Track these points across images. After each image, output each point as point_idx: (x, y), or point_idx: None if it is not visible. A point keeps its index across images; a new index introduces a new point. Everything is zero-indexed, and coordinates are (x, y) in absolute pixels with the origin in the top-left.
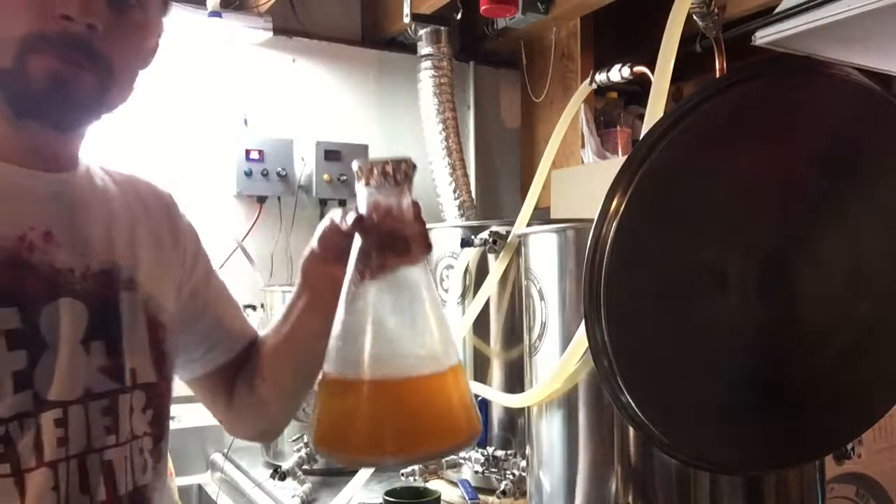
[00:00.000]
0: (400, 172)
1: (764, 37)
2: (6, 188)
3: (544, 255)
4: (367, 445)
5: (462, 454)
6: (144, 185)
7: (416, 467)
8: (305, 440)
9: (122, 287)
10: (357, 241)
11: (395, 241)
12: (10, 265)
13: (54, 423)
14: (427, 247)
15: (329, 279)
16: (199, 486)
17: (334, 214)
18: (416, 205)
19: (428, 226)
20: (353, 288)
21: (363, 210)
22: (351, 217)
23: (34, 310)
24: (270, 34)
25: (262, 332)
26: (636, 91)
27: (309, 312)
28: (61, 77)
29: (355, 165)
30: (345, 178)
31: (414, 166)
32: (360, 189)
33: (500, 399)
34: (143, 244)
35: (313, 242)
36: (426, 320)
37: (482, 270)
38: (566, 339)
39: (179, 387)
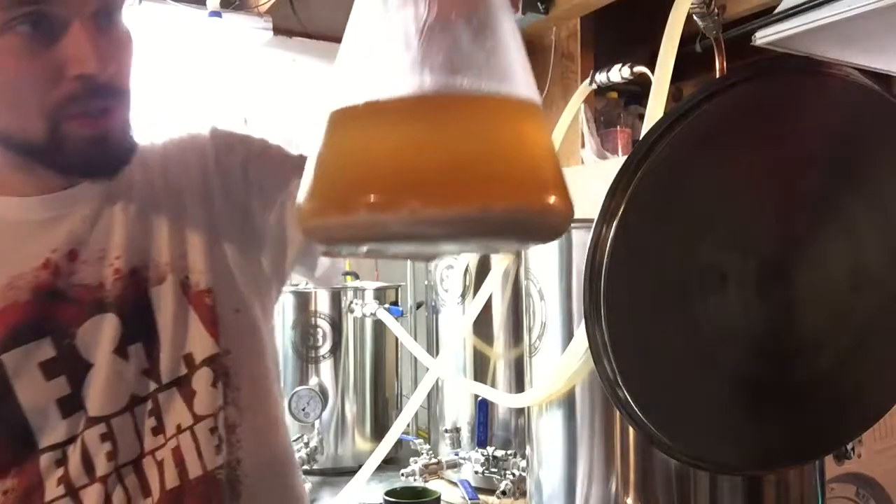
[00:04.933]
0: None
1: (764, 37)
2: (18, 222)
3: (544, 255)
4: (411, 188)
5: (462, 454)
6: (173, 151)
7: (416, 467)
8: (306, 440)
9: (155, 282)
10: None
11: None
12: (37, 297)
13: (100, 439)
14: None
15: None
16: None
17: None
18: None
19: None
20: None
21: None
22: None
23: (68, 334)
24: (270, 34)
25: None
26: (636, 91)
27: None
28: (99, 135)
29: None
30: None
31: None
32: None
33: (501, 399)
34: (176, 221)
35: None
36: (507, 40)
37: (482, 270)
38: (566, 339)
39: None
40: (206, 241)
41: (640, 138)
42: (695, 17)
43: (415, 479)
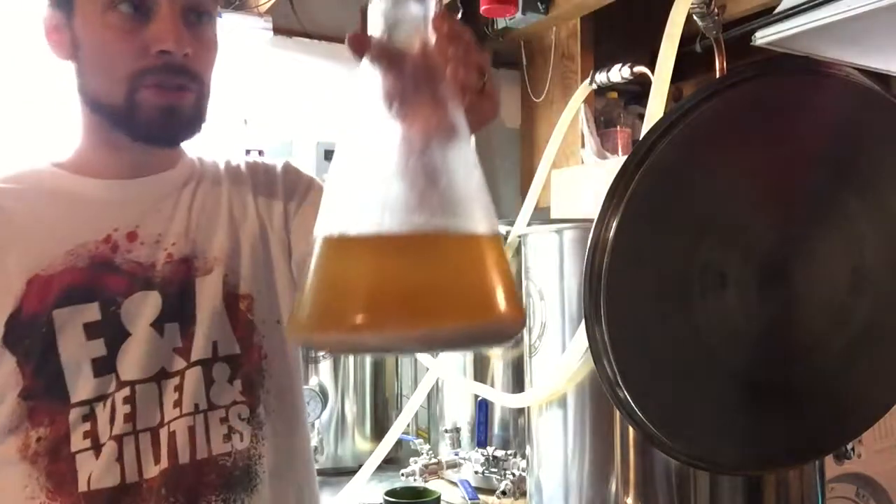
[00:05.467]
0: None
1: (764, 37)
2: (92, 199)
3: (544, 255)
4: (380, 313)
5: (462, 454)
6: (245, 169)
7: (416, 467)
8: None
9: (202, 272)
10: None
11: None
12: (93, 266)
13: (122, 401)
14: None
15: None
16: None
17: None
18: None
19: None
20: (368, 128)
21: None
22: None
23: (115, 303)
24: (270, 34)
25: None
26: (636, 91)
27: None
28: (168, 105)
29: None
30: None
31: None
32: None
33: (501, 399)
34: (231, 226)
35: None
36: (463, 175)
37: None
38: (566, 339)
39: None
40: (256, 252)
41: (640, 138)
42: (695, 17)
43: (415, 479)
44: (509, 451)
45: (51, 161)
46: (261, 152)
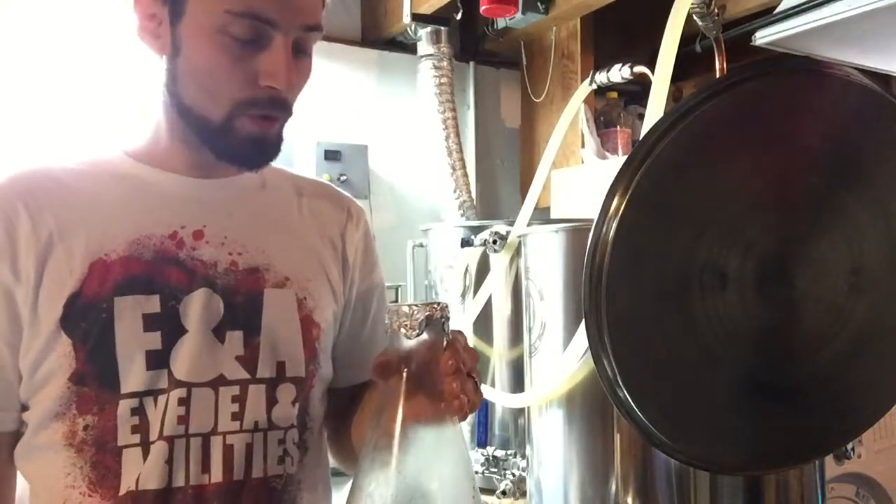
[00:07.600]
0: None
1: (764, 37)
2: (162, 192)
3: (544, 255)
4: None
5: None
6: (328, 194)
7: None
8: None
9: (271, 284)
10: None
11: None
12: (158, 259)
13: (177, 402)
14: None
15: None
16: None
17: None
18: (451, 352)
19: (428, 226)
20: (373, 445)
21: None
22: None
23: (175, 298)
24: None
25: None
26: (636, 91)
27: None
28: (261, 134)
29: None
30: (345, 178)
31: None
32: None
33: (501, 399)
34: (306, 247)
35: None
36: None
37: (482, 270)
38: (566, 339)
39: None
40: (332, 286)
41: (640, 138)
42: (695, 17)
43: None
44: (509, 451)
45: (121, 148)
46: None
